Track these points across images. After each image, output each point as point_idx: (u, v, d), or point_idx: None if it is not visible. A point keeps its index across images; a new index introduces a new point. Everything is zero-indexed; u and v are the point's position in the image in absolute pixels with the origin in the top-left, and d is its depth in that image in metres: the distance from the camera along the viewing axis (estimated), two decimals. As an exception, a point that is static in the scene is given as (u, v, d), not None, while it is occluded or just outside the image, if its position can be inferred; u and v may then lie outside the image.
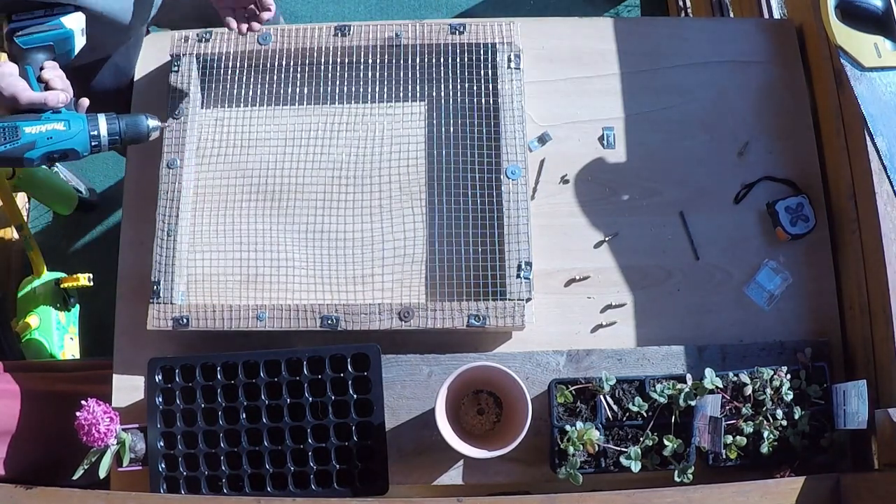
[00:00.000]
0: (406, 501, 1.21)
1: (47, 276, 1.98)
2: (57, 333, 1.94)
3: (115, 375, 1.25)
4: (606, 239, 1.29)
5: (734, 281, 1.27)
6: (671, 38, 1.38)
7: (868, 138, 1.16)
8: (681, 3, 2.18)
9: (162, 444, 1.16)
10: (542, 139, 1.33)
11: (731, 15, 1.91)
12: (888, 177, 1.15)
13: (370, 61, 1.33)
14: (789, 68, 1.35)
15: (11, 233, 2.15)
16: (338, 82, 1.33)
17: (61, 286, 1.99)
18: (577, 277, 1.27)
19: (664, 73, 1.36)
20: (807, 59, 1.36)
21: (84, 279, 1.97)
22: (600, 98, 1.35)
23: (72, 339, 2.00)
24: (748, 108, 1.34)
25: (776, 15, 1.70)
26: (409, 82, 1.33)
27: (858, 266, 1.20)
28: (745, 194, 1.29)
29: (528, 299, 1.19)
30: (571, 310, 1.26)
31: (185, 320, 1.21)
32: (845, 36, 1.18)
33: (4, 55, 1.11)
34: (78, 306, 2.05)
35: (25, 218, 2.08)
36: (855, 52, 1.18)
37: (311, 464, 1.15)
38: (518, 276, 1.20)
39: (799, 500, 1.04)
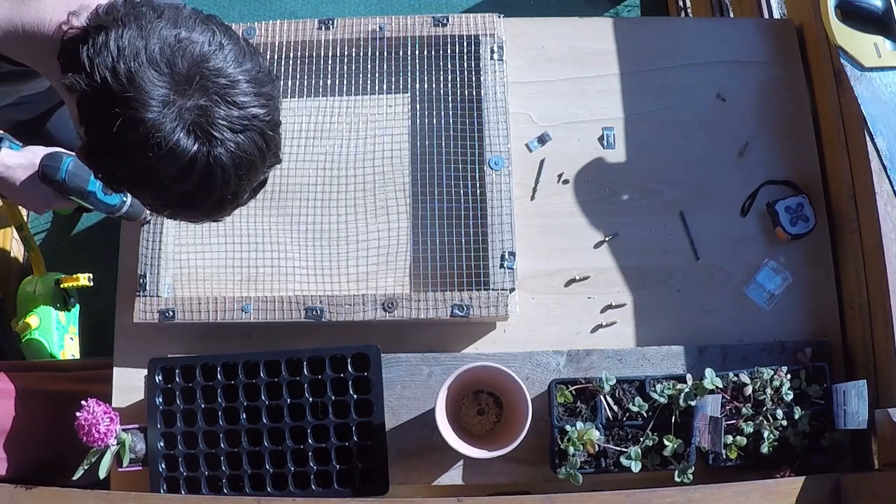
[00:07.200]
0: (406, 501, 1.21)
1: (47, 276, 1.98)
2: (57, 333, 1.94)
3: (115, 375, 1.25)
4: (606, 239, 1.29)
5: (734, 281, 1.27)
6: (671, 38, 1.38)
7: (868, 138, 1.16)
8: (681, 3, 2.17)
9: (162, 444, 1.16)
10: (542, 139, 1.33)
11: (731, 15, 1.90)
12: (888, 177, 1.15)
13: (354, 54, 1.33)
14: (789, 68, 1.35)
15: (11, 233, 2.15)
16: (321, 76, 1.33)
17: (61, 286, 1.98)
18: (577, 277, 1.27)
19: (664, 73, 1.36)
20: (807, 59, 1.36)
21: (84, 279, 1.97)
22: (600, 98, 1.35)
23: (72, 339, 2.00)
24: (748, 108, 1.34)
25: (776, 15, 1.70)
26: (393, 75, 1.33)
27: (858, 266, 1.20)
28: (751, 205, 1.29)
29: (512, 289, 1.20)
30: (571, 310, 1.26)
31: (171, 313, 1.21)
32: (845, 36, 1.18)
33: None
34: (78, 306, 2.05)
35: (25, 218, 2.08)
36: (855, 52, 1.18)
37: (312, 464, 1.15)
38: (502, 266, 1.20)
39: (799, 500, 1.04)
